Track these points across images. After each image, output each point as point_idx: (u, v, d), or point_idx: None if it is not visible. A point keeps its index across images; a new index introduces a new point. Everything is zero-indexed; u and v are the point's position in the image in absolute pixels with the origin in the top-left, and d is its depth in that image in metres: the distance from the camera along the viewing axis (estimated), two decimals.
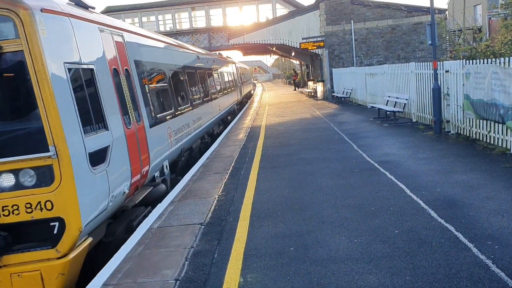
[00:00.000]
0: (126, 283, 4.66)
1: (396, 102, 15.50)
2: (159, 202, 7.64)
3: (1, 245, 4.81)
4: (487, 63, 9.53)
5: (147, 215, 7.05)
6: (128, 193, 6.61)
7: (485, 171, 7.66)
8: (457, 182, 7.15)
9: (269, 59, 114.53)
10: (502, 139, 9.08)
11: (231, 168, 9.83)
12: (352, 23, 28.00)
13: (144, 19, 40.26)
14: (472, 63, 10.22)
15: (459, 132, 11.14)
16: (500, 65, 8.89)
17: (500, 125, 9.08)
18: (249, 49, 42.10)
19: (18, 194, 4.87)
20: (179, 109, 10.64)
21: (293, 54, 37.39)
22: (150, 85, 8.62)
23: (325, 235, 5.46)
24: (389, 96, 16.29)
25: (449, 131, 11.64)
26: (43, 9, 5.01)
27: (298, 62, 54.12)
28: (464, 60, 10.82)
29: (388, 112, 15.52)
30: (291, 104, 26.82)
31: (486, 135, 9.74)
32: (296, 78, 49.31)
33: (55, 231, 4.92)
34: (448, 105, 11.62)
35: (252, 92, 49.79)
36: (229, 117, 22.63)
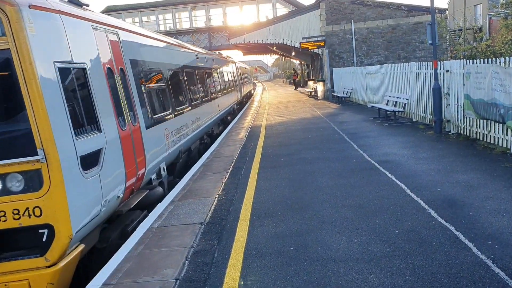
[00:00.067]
0: (126, 283, 4.66)
1: (397, 102, 15.50)
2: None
3: None
4: (488, 63, 9.53)
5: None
6: (123, 197, 6.42)
7: (485, 171, 7.66)
8: (457, 182, 7.15)
9: (270, 59, 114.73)
10: (503, 139, 9.08)
11: (231, 168, 9.83)
12: (353, 23, 28.00)
13: (145, 19, 40.31)
14: (473, 63, 10.22)
15: (460, 132, 11.14)
16: (501, 65, 8.89)
17: (501, 125, 9.08)
18: (250, 49, 42.08)
19: (5, 200, 4.64)
20: (177, 110, 10.43)
21: (294, 54, 37.40)
22: (147, 85, 8.43)
23: (325, 235, 5.46)
24: (390, 96, 16.29)
25: (450, 131, 11.64)
26: (32, 6, 4.77)
27: (299, 62, 54.11)
28: (465, 60, 10.83)
29: (389, 112, 15.52)
30: (292, 104, 26.82)
31: (487, 135, 9.74)
32: (296, 78, 49.33)
33: (44, 239, 4.68)
34: (449, 105, 11.62)
35: (253, 92, 49.77)
36: (229, 117, 22.53)
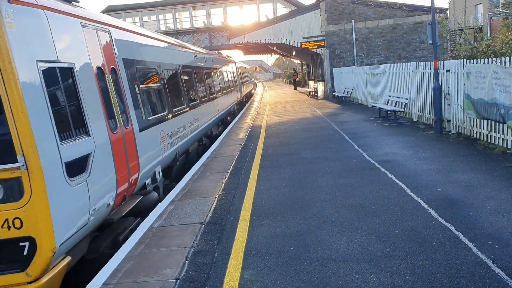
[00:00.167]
0: (127, 283, 4.66)
1: (397, 102, 15.49)
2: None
3: None
4: (488, 63, 9.53)
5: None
6: (114, 205, 6.11)
7: (486, 171, 7.66)
8: (458, 182, 7.14)
9: (270, 59, 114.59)
10: (503, 139, 9.07)
11: (232, 168, 9.83)
12: (353, 23, 28.00)
13: (145, 19, 40.30)
14: (473, 63, 10.22)
15: (460, 132, 11.14)
16: (501, 65, 8.89)
17: (501, 125, 9.08)
18: (250, 49, 42.12)
19: None
20: (174, 111, 10.03)
21: (294, 54, 37.43)
22: (142, 86, 8.12)
23: (326, 235, 5.46)
24: (390, 96, 16.29)
25: (450, 131, 11.64)
26: (12, 0, 4.43)
27: (299, 62, 54.12)
28: (465, 60, 10.83)
29: (389, 112, 15.52)
30: (292, 104, 26.81)
31: (487, 135, 9.74)
32: (296, 78, 49.29)
33: (25, 252, 4.35)
34: (449, 105, 11.61)
35: (253, 92, 49.74)
36: (229, 118, 22.44)
